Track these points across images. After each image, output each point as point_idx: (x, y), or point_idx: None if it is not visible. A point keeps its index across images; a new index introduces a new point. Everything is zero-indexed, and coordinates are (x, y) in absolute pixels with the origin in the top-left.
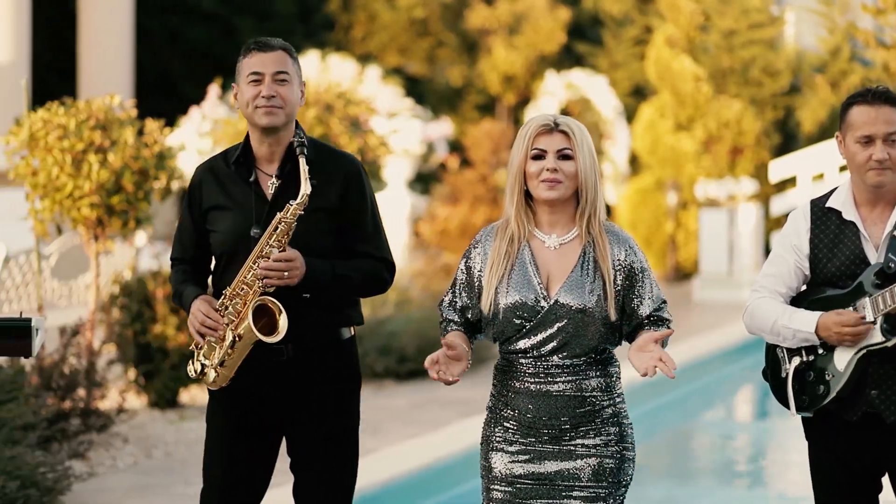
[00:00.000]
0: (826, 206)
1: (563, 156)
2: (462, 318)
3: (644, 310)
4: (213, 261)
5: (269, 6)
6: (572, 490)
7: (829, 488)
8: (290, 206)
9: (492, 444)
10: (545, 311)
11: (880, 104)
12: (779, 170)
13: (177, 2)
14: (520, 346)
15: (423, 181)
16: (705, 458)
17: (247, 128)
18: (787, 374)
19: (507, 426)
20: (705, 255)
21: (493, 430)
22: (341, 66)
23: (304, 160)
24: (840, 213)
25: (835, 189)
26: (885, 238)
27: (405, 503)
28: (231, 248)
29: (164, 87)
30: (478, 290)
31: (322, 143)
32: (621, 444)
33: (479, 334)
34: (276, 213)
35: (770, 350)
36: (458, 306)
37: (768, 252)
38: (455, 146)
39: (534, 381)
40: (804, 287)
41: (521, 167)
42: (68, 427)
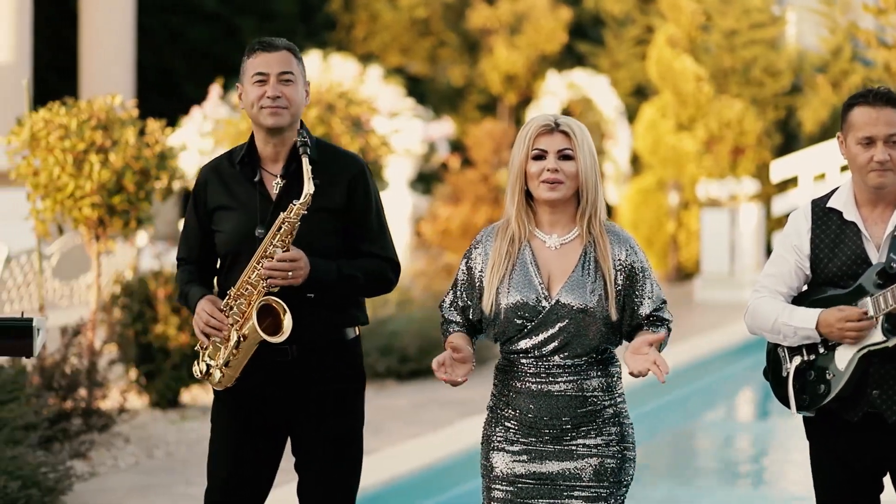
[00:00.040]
0: (827, 206)
1: (563, 156)
2: (463, 319)
3: (644, 310)
4: (219, 261)
5: (271, 6)
6: (573, 490)
7: (830, 488)
8: (294, 205)
9: (493, 444)
10: (546, 311)
11: (882, 105)
12: (780, 170)
13: (178, 1)
14: (521, 346)
15: (425, 181)
16: (706, 458)
17: (248, 128)
18: (787, 373)
19: (508, 426)
20: (707, 255)
21: (494, 429)
22: (343, 66)
23: (307, 160)
24: (841, 213)
25: (836, 189)
26: (886, 238)
27: (406, 503)
28: (235, 248)
29: (165, 86)
30: (479, 291)
31: (326, 143)
32: (622, 444)
33: (480, 335)
34: (281, 213)
35: (771, 349)
36: (459, 306)
37: (770, 252)
38: (456, 146)
39: (535, 380)
40: (805, 287)
41: (522, 167)
42: (70, 427)
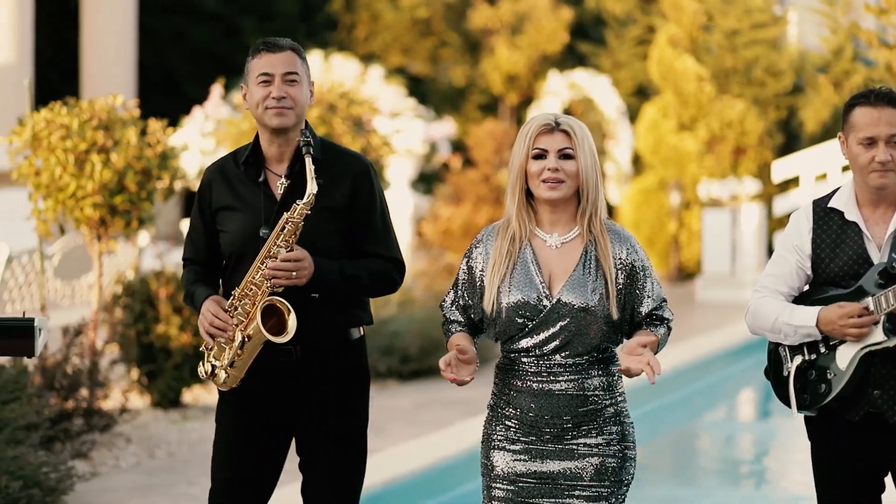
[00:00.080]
0: (828, 206)
1: (564, 155)
2: (465, 318)
3: (644, 309)
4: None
5: (272, 6)
6: (574, 489)
7: (831, 488)
8: (297, 205)
9: (493, 443)
10: (548, 310)
11: (883, 105)
12: (782, 170)
13: (179, 1)
14: (522, 345)
15: (426, 181)
16: (708, 458)
17: (250, 128)
18: (788, 372)
19: (508, 425)
20: (708, 256)
21: (495, 428)
22: (344, 66)
23: (311, 159)
24: (842, 213)
25: (837, 189)
26: (887, 238)
27: (409, 503)
28: (240, 248)
29: (166, 86)
30: (479, 290)
31: (331, 143)
32: (623, 444)
33: (481, 334)
34: (284, 213)
35: (772, 349)
36: (460, 306)
37: (771, 252)
38: (458, 146)
39: (536, 379)
40: (806, 287)
41: (523, 167)
42: (71, 427)
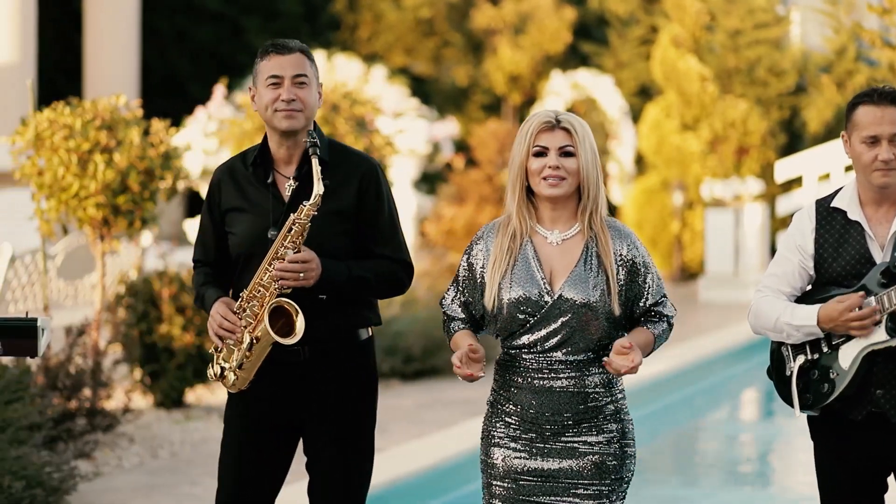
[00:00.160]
0: (831, 205)
1: (565, 153)
2: (467, 315)
3: (644, 304)
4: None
5: (276, 6)
6: (576, 488)
7: (833, 488)
8: (304, 206)
9: (493, 439)
10: (549, 305)
11: (886, 104)
12: (785, 170)
13: (183, 2)
14: (523, 341)
15: (429, 181)
16: (711, 458)
17: (252, 128)
18: (791, 372)
19: (508, 421)
20: (711, 255)
21: (495, 424)
22: (347, 66)
23: (317, 160)
24: (845, 212)
25: (840, 189)
26: (890, 237)
27: (411, 503)
28: (248, 250)
29: (169, 87)
30: (480, 287)
31: (338, 144)
32: (623, 441)
33: (482, 330)
34: (292, 214)
35: (775, 349)
36: (461, 302)
37: (774, 252)
38: (461, 146)
39: (537, 376)
40: (809, 287)
41: (523, 164)
42: (74, 427)
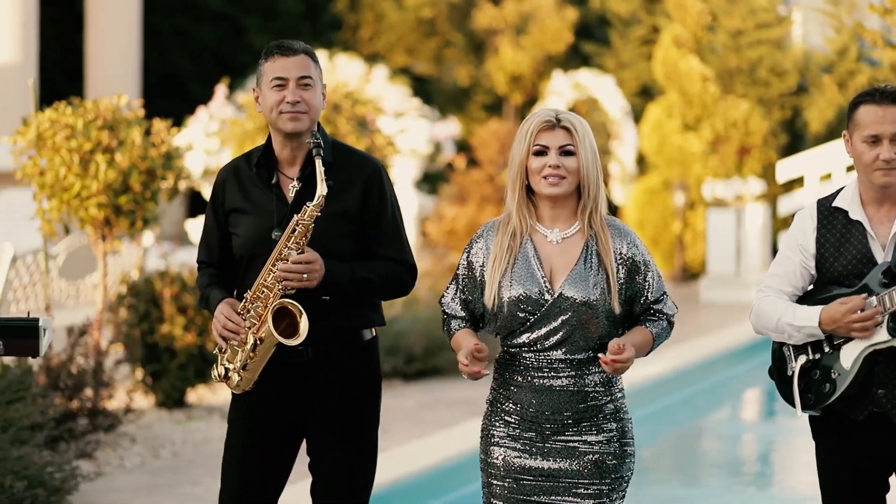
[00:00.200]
0: (832, 205)
1: (565, 152)
2: (467, 313)
3: (643, 302)
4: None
5: (277, 6)
6: (576, 487)
7: (835, 488)
8: (307, 207)
9: (493, 438)
10: (549, 304)
11: (888, 104)
12: (786, 170)
13: (184, 1)
14: (523, 339)
15: (431, 181)
16: (712, 458)
17: (254, 128)
18: (793, 372)
19: (508, 420)
20: (713, 256)
21: (494, 423)
22: (348, 66)
23: (321, 161)
24: (847, 212)
25: (841, 189)
26: (891, 237)
27: (413, 503)
28: (251, 251)
29: (171, 86)
30: (480, 285)
31: (342, 145)
32: (622, 441)
33: (481, 329)
34: (295, 215)
35: (776, 349)
36: (461, 300)
37: (776, 252)
38: (462, 146)
39: (537, 375)
40: (811, 287)
41: (523, 163)
42: (76, 427)
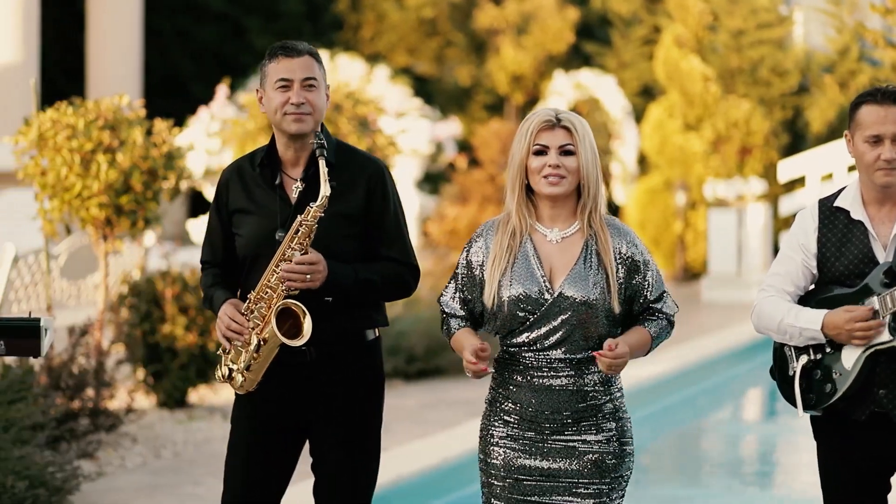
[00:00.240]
0: (834, 205)
1: (565, 151)
2: (466, 312)
3: (642, 301)
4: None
5: (278, 6)
6: (575, 487)
7: (836, 488)
8: (310, 208)
9: (492, 438)
10: (549, 303)
11: (889, 104)
12: (787, 170)
13: (185, 2)
14: (523, 339)
15: (432, 181)
16: (713, 458)
17: (255, 128)
18: (794, 372)
19: (507, 420)
20: (714, 255)
21: (493, 423)
22: (350, 66)
23: (324, 162)
24: (848, 212)
25: (843, 188)
26: (893, 237)
27: (415, 503)
28: (254, 251)
29: (172, 87)
30: (479, 284)
31: (346, 145)
32: (621, 440)
33: (480, 328)
34: (298, 216)
35: (778, 348)
36: (460, 299)
37: (777, 252)
38: (463, 146)
39: (537, 374)
40: (812, 286)
41: (523, 162)
42: (77, 427)
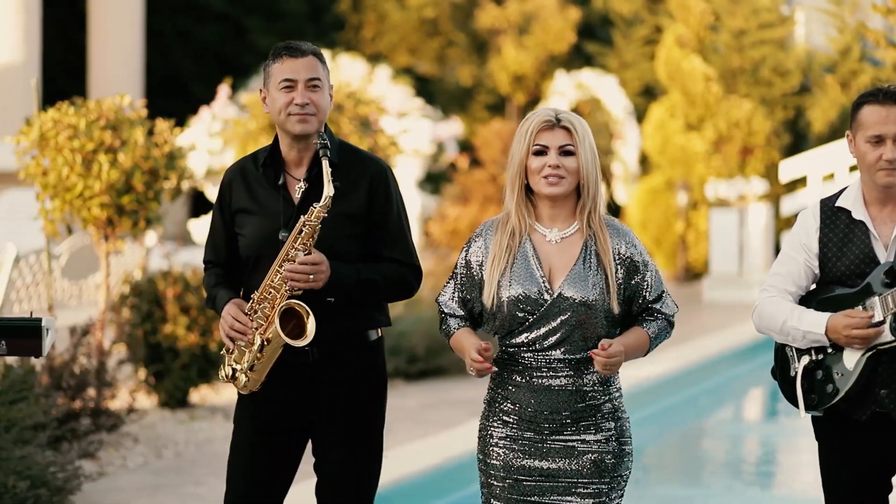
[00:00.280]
0: (836, 205)
1: (565, 152)
2: (466, 312)
3: (641, 302)
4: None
5: (280, 6)
6: (575, 486)
7: (838, 488)
8: (314, 208)
9: (491, 439)
10: (548, 304)
11: (891, 104)
12: (789, 170)
13: (187, 2)
14: (522, 339)
15: (433, 181)
16: (715, 458)
17: (257, 128)
18: (796, 373)
19: (506, 420)
20: (715, 255)
21: (492, 423)
22: (351, 66)
23: (328, 162)
24: (850, 212)
25: (844, 188)
26: (894, 237)
27: (416, 503)
28: (257, 251)
29: (174, 87)
30: (479, 284)
31: (349, 146)
32: (620, 440)
33: (478, 328)
34: (302, 216)
35: (779, 349)
36: (460, 299)
37: (778, 252)
38: (465, 146)
39: (535, 374)
40: (814, 286)
41: (523, 162)
42: (78, 427)
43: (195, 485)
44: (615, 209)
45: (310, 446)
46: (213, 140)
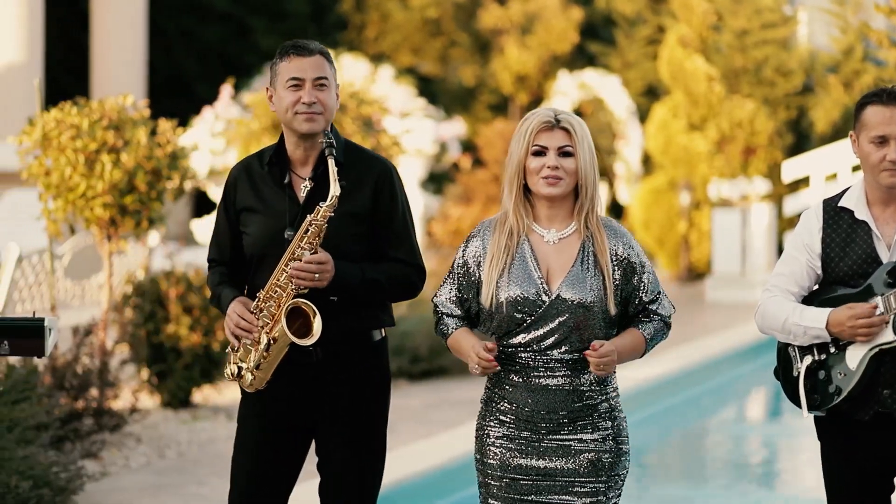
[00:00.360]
0: (838, 205)
1: (564, 153)
2: (463, 312)
3: (638, 303)
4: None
5: (283, 6)
6: (572, 486)
7: (840, 488)
8: (320, 207)
9: (488, 439)
10: (546, 305)
11: (894, 105)
12: (792, 170)
13: (190, 2)
14: (520, 339)
15: (436, 181)
16: (717, 458)
17: (259, 128)
18: (798, 373)
19: (503, 420)
20: (718, 255)
21: (489, 423)
22: (354, 66)
23: (333, 161)
24: (852, 212)
25: (847, 188)
26: None
27: (419, 503)
28: (261, 250)
29: (176, 87)
30: (476, 284)
31: (354, 145)
32: (617, 439)
33: (476, 328)
34: (308, 215)
35: (782, 349)
36: (457, 299)
37: (781, 252)
38: (468, 146)
39: (533, 374)
40: (816, 286)
41: (521, 162)
42: (81, 427)
43: (198, 485)
44: (618, 209)
45: (313, 446)
46: (215, 140)
